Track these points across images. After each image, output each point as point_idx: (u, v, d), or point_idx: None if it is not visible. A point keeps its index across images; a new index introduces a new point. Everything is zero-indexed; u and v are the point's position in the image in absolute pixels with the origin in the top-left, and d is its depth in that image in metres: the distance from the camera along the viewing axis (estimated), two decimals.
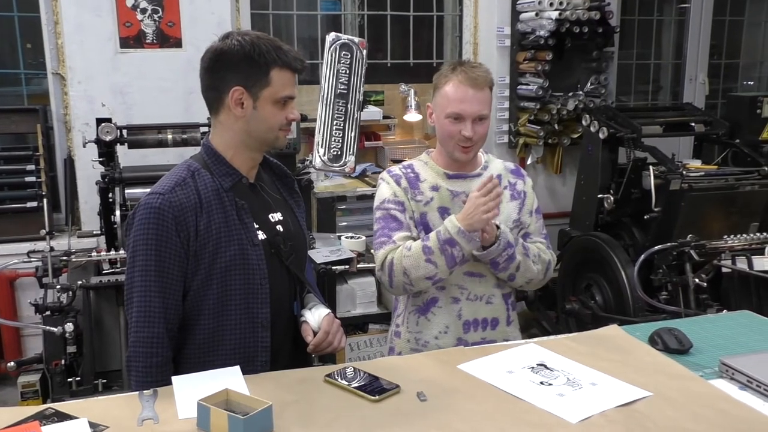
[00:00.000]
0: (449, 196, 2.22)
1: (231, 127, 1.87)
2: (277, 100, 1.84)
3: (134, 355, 1.80)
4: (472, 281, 2.23)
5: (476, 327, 2.25)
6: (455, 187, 2.23)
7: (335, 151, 3.68)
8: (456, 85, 2.15)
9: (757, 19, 6.29)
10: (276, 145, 1.91)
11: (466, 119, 2.13)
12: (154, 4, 4.19)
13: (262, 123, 1.85)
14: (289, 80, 1.85)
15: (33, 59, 4.49)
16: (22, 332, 4.19)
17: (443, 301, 2.23)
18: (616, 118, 4.25)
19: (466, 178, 2.25)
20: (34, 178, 4.20)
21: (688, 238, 3.63)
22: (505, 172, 2.31)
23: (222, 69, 1.83)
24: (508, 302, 2.30)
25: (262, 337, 1.89)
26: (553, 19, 4.57)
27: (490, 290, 2.25)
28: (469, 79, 2.14)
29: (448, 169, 2.26)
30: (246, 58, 1.80)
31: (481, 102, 2.15)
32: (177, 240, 1.79)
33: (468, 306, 2.23)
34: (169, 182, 1.84)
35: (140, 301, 1.79)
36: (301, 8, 4.98)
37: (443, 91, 2.17)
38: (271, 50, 1.81)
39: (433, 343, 2.24)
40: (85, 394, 3.05)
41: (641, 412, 1.61)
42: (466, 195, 2.20)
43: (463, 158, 2.20)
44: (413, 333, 2.28)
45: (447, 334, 2.23)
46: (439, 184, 2.24)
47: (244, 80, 1.81)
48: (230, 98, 1.82)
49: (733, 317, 2.29)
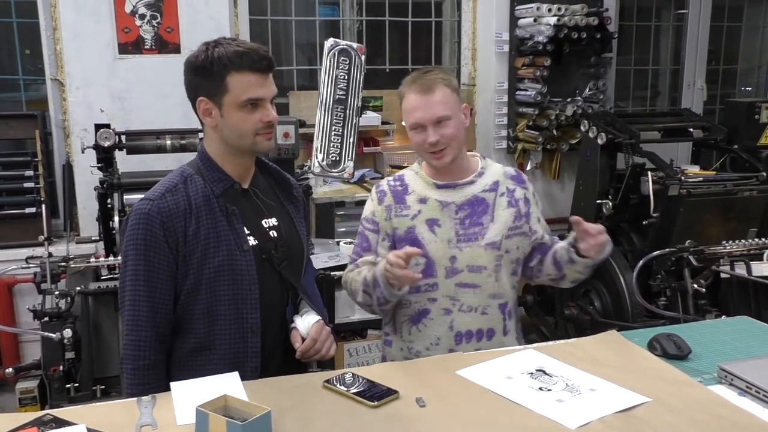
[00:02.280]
0: (438, 207, 2.19)
1: (212, 136, 1.90)
2: (240, 104, 1.82)
3: (125, 357, 1.84)
4: (465, 293, 2.17)
5: (469, 338, 2.19)
6: (444, 198, 2.20)
7: (334, 156, 3.68)
8: (410, 96, 2.14)
9: (755, 24, 6.31)
10: (256, 150, 1.90)
11: (426, 126, 2.11)
12: (152, 10, 4.19)
13: (233, 130, 1.85)
14: (252, 82, 1.82)
15: (31, 65, 4.49)
16: (20, 338, 4.18)
17: (434, 313, 2.18)
18: (614, 124, 4.25)
19: (455, 188, 2.21)
20: (32, 183, 4.19)
21: (686, 244, 3.64)
22: (504, 178, 2.27)
23: (190, 80, 1.87)
24: (505, 312, 2.23)
25: (252, 342, 1.89)
26: (551, 25, 4.58)
27: (485, 301, 2.19)
28: (418, 86, 2.12)
29: (436, 179, 2.22)
30: (202, 68, 1.82)
31: (434, 105, 2.10)
32: (165, 245, 1.80)
33: (460, 317, 2.18)
34: (160, 188, 1.86)
35: (130, 306, 1.82)
36: (299, 14, 4.98)
37: (403, 105, 2.18)
38: (224, 56, 1.80)
39: (425, 354, 2.19)
40: (83, 400, 3.05)
41: (640, 417, 1.61)
42: (456, 205, 2.18)
43: (438, 165, 2.16)
44: (406, 342, 2.25)
45: (438, 346, 2.19)
46: (427, 195, 2.21)
47: (205, 90, 1.83)
48: (198, 109, 1.86)
49: (731, 323, 2.28)
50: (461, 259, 2.16)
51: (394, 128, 5.01)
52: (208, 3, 4.28)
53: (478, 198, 2.21)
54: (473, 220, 2.18)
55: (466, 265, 2.16)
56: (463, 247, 2.16)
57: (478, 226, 2.18)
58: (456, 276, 2.16)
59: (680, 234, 3.78)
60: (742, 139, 4.30)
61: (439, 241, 2.16)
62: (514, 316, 2.29)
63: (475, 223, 2.18)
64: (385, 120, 4.93)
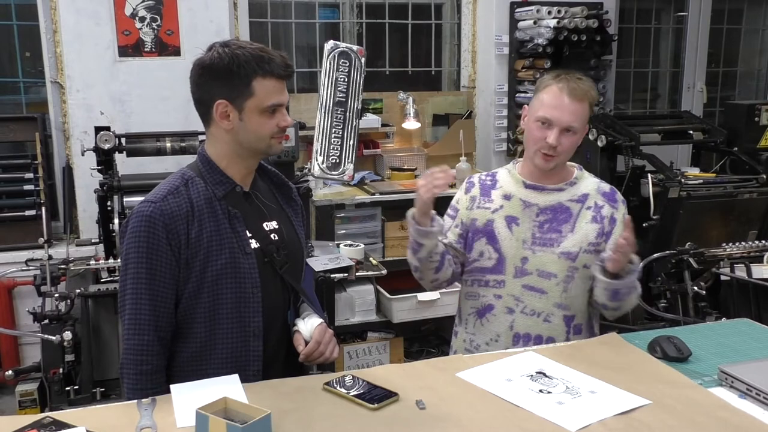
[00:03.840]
0: (520, 206, 2.19)
1: (222, 139, 1.87)
2: (263, 109, 1.82)
3: (125, 362, 1.81)
4: (531, 295, 2.17)
5: (527, 342, 2.17)
6: (529, 198, 2.20)
7: (334, 158, 3.68)
8: (553, 91, 2.11)
9: (755, 27, 6.32)
10: (269, 152, 1.90)
11: (554, 126, 2.09)
12: (152, 13, 4.20)
13: (250, 134, 1.84)
14: (275, 88, 1.82)
15: (32, 67, 4.50)
16: (20, 341, 4.18)
17: (498, 309, 2.20)
18: (614, 126, 4.26)
19: (543, 191, 2.20)
20: (32, 186, 4.19)
21: (686, 246, 3.64)
22: (595, 193, 2.22)
23: (205, 82, 1.83)
24: (570, 325, 2.19)
25: (254, 346, 1.88)
26: (551, 28, 4.59)
27: (550, 308, 2.16)
28: (568, 88, 2.10)
29: (528, 178, 2.22)
30: (226, 71, 1.78)
31: (573, 113, 2.09)
32: (167, 248, 1.79)
33: (522, 319, 2.17)
34: (162, 191, 1.84)
35: (131, 309, 1.80)
36: (299, 16, 4.99)
37: (540, 95, 2.15)
38: (251, 60, 1.78)
39: (484, 348, 2.22)
40: (83, 402, 3.05)
41: (640, 420, 1.60)
42: (539, 207, 2.18)
43: (542, 165, 2.15)
44: (469, 334, 2.28)
45: (498, 343, 2.20)
46: (513, 192, 2.22)
47: (227, 93, 1.80)
48: (215, 112, 1.82)
49: (732, 325, 2.28)
50: (532, 262, 2.16)
51: (394, 130, 5.02)
52: (208, 6, 4.29)
53: (562, 206, 2.19)
54: (552, 226, 2.17)
55: (536, 268, 2.16)
56: (536, 250, 2.16)
57: (556, 233, 2.17)
58: (524, 277, 2.17)
59: (680, 236, 3.79)
60: (742, 141, 4.31)
61: (514, 240, 2.17)
62: (583, 334, 2.24)
63: (553, 230, 2.17)
64: (385, 122, 4.93)
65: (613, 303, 2.14)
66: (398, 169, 4.86)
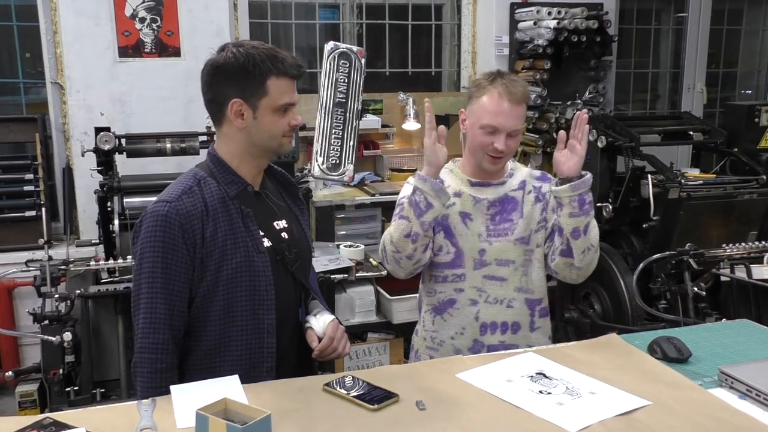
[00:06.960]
0: (471, 202, 2.26)
1: (234, 138, 1.89)
2: (276, 108, 1.85)
3: (140, 361, 1.82)
4: (491, 284, 2.24)
5: (494, 330, 2.25)
6: (478, 194, 2.27)
7: (334, 159, 3.68)
8: (494, 97, 2.16)
9: (755, 28, 6.32)
10: (280, 151, 1.94)
11: (501, 132, 2.16)
12: (152, 14, 4.20)
13: (264, 132, 1.87)
14: (288, 87, 1.86)
15: (32, 68, 4.50)
16: (20, 341, 4.18)
17: (461, 303, 2.26)
18: (614, 127, 4.25)
19: (489, 186, 2.29)
20: (32, 187, 4.19)
21: (686, 247, 3.64)
22: (530, 178, 2.33)
23: (219, 82, 1.85)
24: (535, 308, 2.29)
25: (268, 343, 1.90)
26: (551, 28, 4.59)
27: (511, 294, 2.25)
28: (507, 92, 2.15)
29: (472, 176, 2.30)
30: (241, 70, 1.81)
31: (516, 117, 2.17)
32: (183, 247, 1.80)
33: (486, 308, 2.25)
34: (176, 190, 1.86)
35: (146, 308, 1.81)
36: (299, 17, 4.99)
37: (481, 101, 2.19)
38: (266, 59, 1.82)
39: (449, 343, 2.28)
40: (83, 403, 3.05)
41: (640, 421, 1.61)
42: (488, 201, 2.26)
43: (491, 168, 2.24)
44: (429, 332, 2.33)
45: (463, 335, 2.27)
46: (462, 190, 2.28)
47: (242, 92, 1.83)
48: (230, 110, 1.84)
49: (732, 326, 2.28)
50: (490, 253, 2.24)
51: (394, 131, 5.02)
52: (209, 6, 4.29)
53: (508, 196, 2.29)
54: (503, 217, 2.26)
55: (495, 258, 2.24)
56: (492, 241, 2.24)
57: (508, 222, 2.26)
58: (484, 268, 2.24)
59: (680, 237, 3.78)
60: (742, 142, 4.30)
61: (470, 234, 2.24)
62: (545, 315, 2.33)
63: (505, 220, 2.26)
64: (385, 123, 4.93)
65: (576, 242, 2.11)
66: (398, 169, 4.86)
